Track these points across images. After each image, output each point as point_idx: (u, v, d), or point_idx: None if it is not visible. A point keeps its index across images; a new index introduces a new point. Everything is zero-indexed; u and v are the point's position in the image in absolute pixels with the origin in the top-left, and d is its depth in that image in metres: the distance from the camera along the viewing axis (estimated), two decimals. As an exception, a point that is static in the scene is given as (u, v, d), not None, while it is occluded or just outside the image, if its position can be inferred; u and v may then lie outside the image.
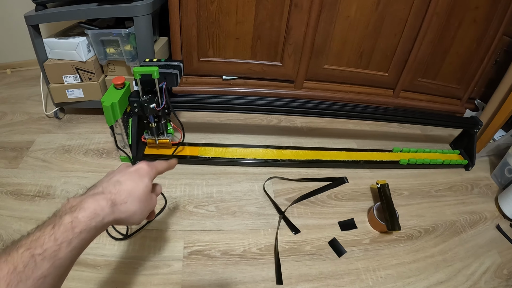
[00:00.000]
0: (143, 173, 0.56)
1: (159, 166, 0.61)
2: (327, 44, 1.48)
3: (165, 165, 0.64)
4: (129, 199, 0.51)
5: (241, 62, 1.48)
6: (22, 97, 1.72)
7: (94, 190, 0.51)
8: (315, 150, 1.39)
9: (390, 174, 1.38)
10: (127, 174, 0.54)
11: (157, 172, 0.60)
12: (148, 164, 0.58)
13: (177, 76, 1.12)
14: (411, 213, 1.21)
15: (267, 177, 1.27)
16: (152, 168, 0.58)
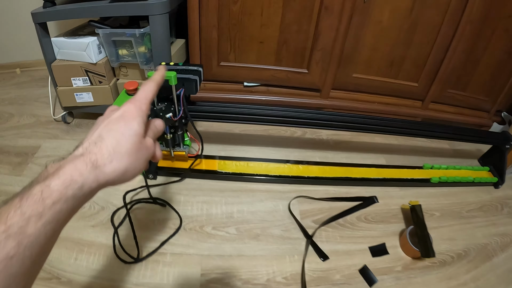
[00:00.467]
0: (129, 116, 0.43)
1: (145, 94, 0.47)
2: (357, 51, 1.31)
3: (152, 86, 0.49)
4: (115, 157, 0.39)
5: (265, 68, 1.30)
6: (30, 98, 1.57)
7: (75, 152, 0.39)
8: (343, 166, 1.22)
9: (421, 192, 1.21)
10: (111, 123, 0.42)
11: (147, 102, 0.46)
12: (134, 103, 0.45)
13: (196, 83, 0.95)
14: (442, 236, 1.05)
15: (293, 195, 1.10)
16: (140, 104, 0.45)
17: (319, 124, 1.10)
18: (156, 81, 0.50)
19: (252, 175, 1.12)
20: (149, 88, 0.48)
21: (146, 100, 0.46)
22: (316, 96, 1.39)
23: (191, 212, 1.01)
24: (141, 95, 0.46)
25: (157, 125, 0.48)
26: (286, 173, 1.14)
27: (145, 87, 0.48)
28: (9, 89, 1.66)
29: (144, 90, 0.47)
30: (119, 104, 0.97)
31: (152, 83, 0.49)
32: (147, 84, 0.48)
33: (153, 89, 0.48)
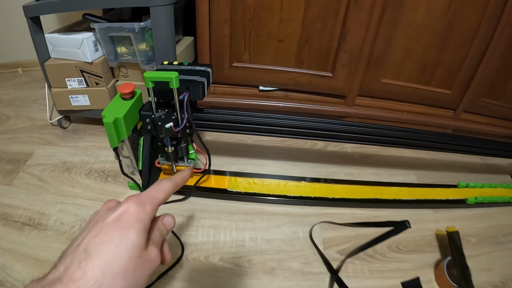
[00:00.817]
0: (127, 222, 0.32)
1: (155, 193, 0.37)
2: (387, 53, 1.11)
3: (169, 187, 0.38)
4: (104, 282, 0.28)
5: (283, 70, 1.10)
6: (29, 100, 1.42)
7: (55, 271, 0.30)
8: (372, 185, 1.02)
9: (455, 215, 1.00)
10: (102, 232, 0.31)
11: (154, 203, 0.35)
12: (137, 202, 0.34)
13: (203, 86, 0.77)
14: (480, 265, 0.85)
15: (314, 220, 0.90)
16: (144, 204, 0.34)
17: (344, 137, 0.91)
18: (175, 182, 0.40)
19: (268, 196, 0.92)
20: (163, 187, 0.37)
21: (154, 200, 0.35)
22: (340, 103, 1.20)
23: (195, 238, 0.83)
24: (150, 193, 0.36)
25: (167, 224, 0.38)
26: (307, 193, 0.94)
27: (159, 185, 0.38)
28: (9, 90, 1.51)
29: (155, 188, 0.37)
30: (111, 110, 0.76)
31: (169, 183, 0.39)
32: (162, 182, 0.38)
33: (167, 190, 0.38)
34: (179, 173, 0.42)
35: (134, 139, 0.87)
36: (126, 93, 0.79)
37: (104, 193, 0.95)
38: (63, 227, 0.85)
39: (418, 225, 0.95)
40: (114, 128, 0.75)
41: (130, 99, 0.80)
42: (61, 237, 0.83)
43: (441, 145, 1.02)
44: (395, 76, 1.18)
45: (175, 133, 0.76)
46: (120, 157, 0.86)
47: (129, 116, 0.77)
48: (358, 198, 0.96)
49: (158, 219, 0.37)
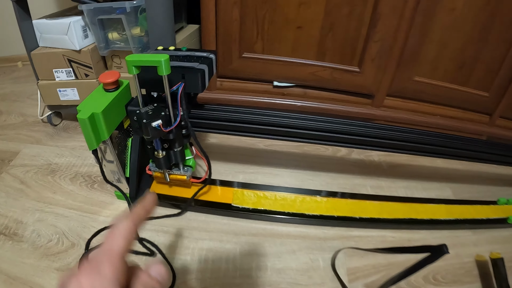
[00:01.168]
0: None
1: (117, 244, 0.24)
2: (422, 46, 0.91)
3: (128, 227, 0.26)
4: None
5: (302, 63, 0.90)
6: (23, 95, 1.27)
7: None
8: (405, 202, 0.81)
9: (496, 237, 0.80)
10: None
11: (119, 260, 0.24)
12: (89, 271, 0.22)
13: (203, 75, 0.59)
14: None
15: (337, 244, 0.71)
16: (100, 272, 0.22)
17: (371, 143, 0.74)
18: (134, 217, 0.28)
19: (281, 214, 0.73)
20: (118, 231, 0.26)
21: (112, 255, 0.24)
22: (367, 103, 1.00)
23: (190, 263, 0.65)
24: (104, 248, 0.24)
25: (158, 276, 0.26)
26: (329, 211, 0.74)
27: (113, 230, 0.26)
28: (6, 84, 1.37)
29: (109, 237, 0.25)
30: (88, 104, 0.57)
31: (126, 221, 0.27)
32: (117, 224, 0.26)
33: (126, 231, 0.26)
34: (140, 203, 0.30)
35: (120, 140, 0.70)
36: (109, 83, 0.63)
37: (88, 202, 0.78)
38: (40, 240, 0.70)
39: (456, 249, 0.76)
40: (91, 126, 0.58)
41: (113, 91, 0.63)
42: (36, 251, 0.68)
43: (476, 154, 0.84)
44: (429, 74, 0.98)
45: (165, 134, 0.59)
46: (104, 162, 0.70)
47: (111, 112, 0.60)
48: (390, 218, 0.77)
49: (142, 273, 0.26)
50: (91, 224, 0.73)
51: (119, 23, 0.79)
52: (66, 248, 0.68)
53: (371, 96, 0.99)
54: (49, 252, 0.68)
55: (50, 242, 0.71)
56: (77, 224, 0.74)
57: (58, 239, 0.71)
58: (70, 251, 0.68)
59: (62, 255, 0.67)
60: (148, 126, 0.54)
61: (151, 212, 0.30)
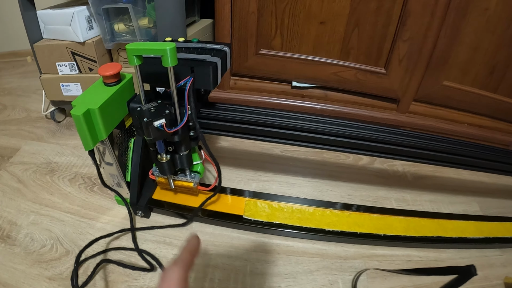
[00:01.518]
0: None
1: None
2: (453, 48, 0.81)
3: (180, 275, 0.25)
4: None
5: (324, 62, 0.80)
6: (29, 90, 1.20)
7: None
8: (432, 217, 0.71)
9: None
10: None
11: None
12: None
13: (215, 69, 0.50)
14: None
15: (359, 264, 0.61)
16: None
17: (395, 152, 0.65)
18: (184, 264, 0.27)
19: (298, 229, 0.63)
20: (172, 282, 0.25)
21: None
22: (392, 108, 0.90)
23: (193, 282, 0.56)
24: None
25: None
26: (351, 227, 0.64)
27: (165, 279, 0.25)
28: (13, 78, 1.30)
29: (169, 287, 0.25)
30: (85, 99, 0.48)
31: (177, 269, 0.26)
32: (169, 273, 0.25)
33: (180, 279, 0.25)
34: (185, 247, 0.29)
35: (122, 141, 0.62)
36: (109, 75, 0.55)
37: (85, 206, 0.70)
38: (33, 244, 0.63)
39: (485, 270, 0.66)
40: (86, 123, 0.50)
41: (114, 85, 0.55)
42: (28, 257, 0.61)
43: (504, 165, 0.75)
44: (459, 78, 0.88)
45: (169, 136, 0.51)
46: (102, 164, 0.62)
47: (111, 108, 0.52)
48: (416, 236, 0.68)
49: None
50: (88, 230, 0.65)
51: (125, 13, 0.71)
52: (60, 256, 0.60)
53: (396, 100, 0.89)
54: (41, 259, 0.61)
55: (44, 248, 0.63)
56: (72, 230, 0.66)
57: (52, 245, 0.63)
58: (64, 259, 0.60)
59: (55, 263, 0.59)
60: (149, 126, 0.45)
61: (197, 255, 0.29)
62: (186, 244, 0.29)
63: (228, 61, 0.57)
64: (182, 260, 0.27)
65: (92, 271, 0.57)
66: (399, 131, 0.70)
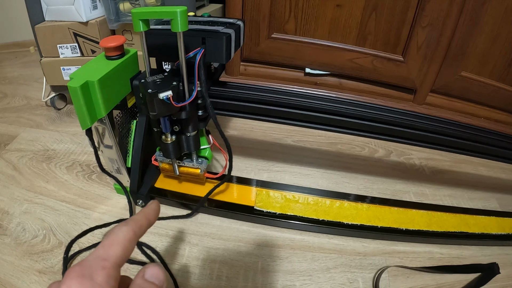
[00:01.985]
0: None
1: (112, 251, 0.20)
2: (472, 37, 0.77)
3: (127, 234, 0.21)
4: None
5: (340, 47, 0.72)
6: (31, 79, 1.14)
7: None
8: (453, 212, 0.64)
9: None
10: None
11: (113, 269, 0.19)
12: (80, 276, 0.18)
13: (229, 41, 0.44)
14: None
15: (380, 261, 0.54)
16: (92, 279, 0.19)
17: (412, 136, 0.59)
18: (135, 224, 0.23)
19: (314, 222, 0.56)
20: (116, 238, 0.21)
21: (107, 262, 0.20)
22: (408, 99, 0.84)
23: (199, 279, 0.49)
24: (98, 254, 0.20)
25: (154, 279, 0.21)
26: (371, 221, 0.57)
27: (110, 236, 0.21)
28: (16, 68, 1.24)
29: (105, 243, 0.21)
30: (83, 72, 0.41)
31: (126, 227, 0.22)
32: (116, 229, 0.21)
33: (125, 239, 0.21)
34: (142, 210, 0.25)
35: (123, 122, 0.55)
36: (111, 47, 0.48)
37: (82, 195, 0.63)
38: (24, 234, 0.56)
39: (507, 269, 0.60)
40: (84, 97, 0.43)
41: (116, 59, 0.49)
42: (18, 248, 0.54)
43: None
44: (477, 69, 0.81)
45: (176, 112, 0.44)
46: (101, 147, 0.56)
47: (112, 84, 0.45)
48: (439, 231, 0.61)
49: (137, 278, 0.21)
50: (83, 221, 0.58)
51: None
52: (52, 247, 0.53)
53: (413, 91, 0.83)
54: (32, 250, 0.54)
55: (35, 238, 0.56)
56: (67, 220, 0.59)
57: (45, 235, 0.56)
58: (56, 251, 0.53)
59: (47, 255, 0.52)
60: (153, 98, 0.39)
61: (153, 222, 0.25)
62: (144, 208, 0.25)
63: (242, 36, 0.51)
64: (134, 221, 0.23)
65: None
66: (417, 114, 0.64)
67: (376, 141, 0.85)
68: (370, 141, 0.85)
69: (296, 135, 0.85)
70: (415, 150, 0.84)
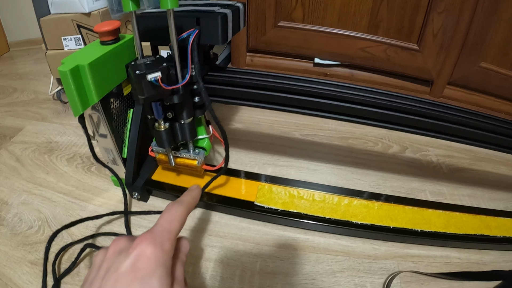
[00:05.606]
0: (149, 269, 0.23)
1: (169, 225, 0.26)
2: (490, 26, 0.71)
3: (183, 214, 0.27)
4: None
5: (351, 35, 0.69)
6: (41, 74, 1.15)
7: None
8: (473, 213, 0.58)
9: None
10: (119, 285, 0.23)
11: (171, 238, 0.25)
12: (153, 242, 0.24)
13: (225, 21, 0.41)
14: None
15: (391, 265, 0.50)
16: (162, 243, 0.24)
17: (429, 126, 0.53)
18: (187, 206, 0.28)
19: (319, 220, 0.52)
20: (176, 216, 0.26)
21: (171, 235, 0.25)
22: (424, 92, 0.78)
23: (192, 279, 0.46)
24: (164, 227, 0.26)
25: (184, 250, 0.28)
26: (382, 220, 0.53)
27: (170, 214, 0.26)
28: (27, 64, 1.26)
29: (168, 219, 0.26)
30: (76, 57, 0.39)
31: (181, 208, 0.27)
32: (173, 209, 0.26)
33: (182, 217, 0.27)
34: (188, 193, 0.29)
35: (119, 111, 0.54)
36: (105, 32, 0.46)
37: (80, 187, 0.62)
38: (20, 225, 0.55)
39: None
40: (74, 82, 0.41)
41: (111, 44, 0.47)
42: (14, 238, 0.54)
43: None
44: (497, 61, 0.75)
45: (167, 96, 0.41)
46: (96, 137, 0.54)
47: (105, 69, 0.43)
48: (458, 233, 0.57)
49: (176, 249, 0.26)
50: (78, 212, 0.56)
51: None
52: (46, 238, 0.52)
53: (429, 82, 0.78)
54: (26, 241, 0.53)
55: (31, 229, 0.55)
56: (63, 212, 0.58)
57: (40, 226, 0.55)
58: (50, 241, 0.53)
59: (40, 246, 0.51)
60: (141, 80, 0.36)
61: (195, 204, 0.29)
62: (190, 191, 0.30)
63: (242, 20, 0.48)
64: (186, 202, 0.27)
65: (76, 257, 0.48)
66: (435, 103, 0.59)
67: (390, 136, 0.81)
68: (384, 136, 0.81)
69: (304, 129, 0.81)
70: (432, 146, 0.79)
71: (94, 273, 0.27)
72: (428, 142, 0.81)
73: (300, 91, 0.46)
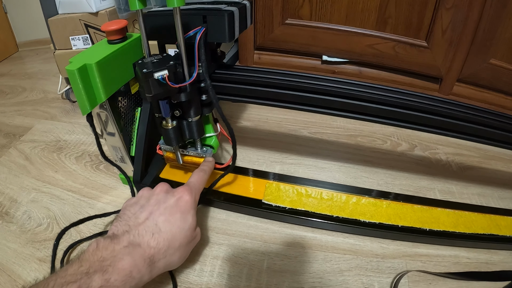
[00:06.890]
0: (186, 208, 0.39)
1: (199, 185, 0.44)
2: (500, 21, 0.69)
3: (206, 179, 0.45)
4: (168, 252, 0.36)
5: (359, 32, 0.69)
6: (49, 73, 1.17)
7: (128, 235, 0.34)
8: (483, 212, 0.57)
9: None
10: (167, 212, 0.37)
11: (199, 193, 0.43)
12: (190, 192, 0.40)
13: (231, 19, 0.41)
14: None
15: (400, 264, 0.49)
16: (196, 195, 0.42)
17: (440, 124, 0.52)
18: (208, 172, 0.46)
19: (327, 219, 0.52)
20: (202, 179, 0.44)
21: (199, 192, 0.43)
22: (433, 89, 0.77)
23: (198, 276, 0.46)
24: (197, 185, 0.43)
25: None
26: (391, 219, 0.52)
27: (199, 176, 0.44)
28: (36, 64, 1.28)
29: (198, 180, 0.44)
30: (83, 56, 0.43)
31: (205, 175, 0.46)
32: (201, 174, 0.45)
33: (205, 182, 0.45)
34: (205, 163, 0.47)
35: (127, 110, 0.54)
36: (112, 31, 0.47)
37: (89, 185, 0.62)
38: (29, 223, 0.56)
39: None
40: (82, 81, 0.42)
41: (118, 43, 0.48)
42: (23, 236, 0.55)
43: None
44: (507, 57, 0.74)
45: (174, 94, 0.41)
46: (104, 135, 0.54)
47: (113, 68, 0.43)
48: (467, 233, 0.56)
49: None
50: (87, 210, 0.57)
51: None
52: (54, 236, 0.52)
53: (438, 80, 0.77)
54: (35, 238, 0.54)
55: (39, 226, 0.56)
56: (71, 209, 0.59)
57: (49, 224, 0.56)
58: (58, 240, 0.53)
59: (49, 244, 0.52)
60: (148, 78, 0.36)
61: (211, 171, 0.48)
62: (207, 162, 0.44)
63: (249, 17, 0.48)
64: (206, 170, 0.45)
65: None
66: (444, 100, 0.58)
67: (399, 134, 0.80)
68: (393, 134, 0.80)
69: (312, 126, 0.81)
70: (441, 144, 0.78)
71: (144, 200, 0.38)
72: (437, 140, 0.80)
73: (308, 88, 0.46)
